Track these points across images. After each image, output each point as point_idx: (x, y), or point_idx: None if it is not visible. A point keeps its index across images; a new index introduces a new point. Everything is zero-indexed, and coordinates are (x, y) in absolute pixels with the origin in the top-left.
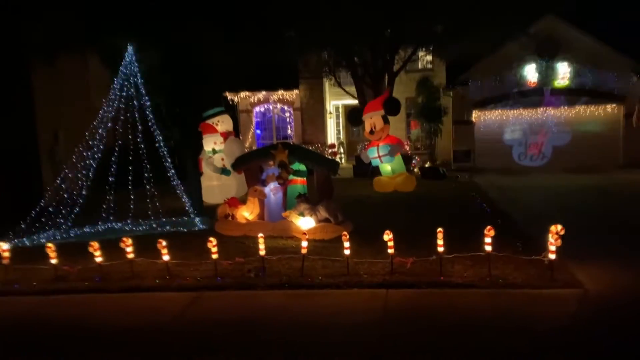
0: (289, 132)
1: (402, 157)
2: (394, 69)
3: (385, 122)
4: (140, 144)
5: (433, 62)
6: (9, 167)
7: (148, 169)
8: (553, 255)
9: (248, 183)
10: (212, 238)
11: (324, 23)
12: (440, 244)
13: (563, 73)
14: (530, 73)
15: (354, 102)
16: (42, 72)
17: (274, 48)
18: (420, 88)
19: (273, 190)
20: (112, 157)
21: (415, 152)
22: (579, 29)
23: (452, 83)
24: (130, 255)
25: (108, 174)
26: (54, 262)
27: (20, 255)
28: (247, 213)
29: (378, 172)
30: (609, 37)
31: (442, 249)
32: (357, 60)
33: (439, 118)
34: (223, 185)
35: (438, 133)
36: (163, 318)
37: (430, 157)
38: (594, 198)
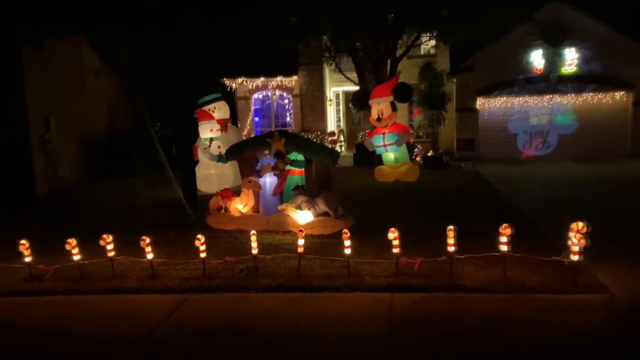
0: (288, 119)
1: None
2: (397, 54)
3: (394, 109)
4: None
5: (437, 47)
6: None
7: (143, 158)
8: (577, 257)
9: (242, 174)
10: (200, 235)
11: (326, 6)
12: (451, 243)
13: (570, 59)
14: (537, 59)
15: (355, 88)
16: (33, 57)
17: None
18: (424, 74)
19: (273, 189)
20: (106, 145)
21: (417, 140)
22: (587, 14)
23: (456, 69)
24: (111, 254)
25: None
26: (28, 260)
27: None
28: (240, 206)
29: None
30: (618, 22)
31: (453, 249)
32: (358, 45)
33: (443, 105)
34: (219, 174)
35: (441, 121)
36: (146, 324)
37: (433, 145)
38: (605, 189)
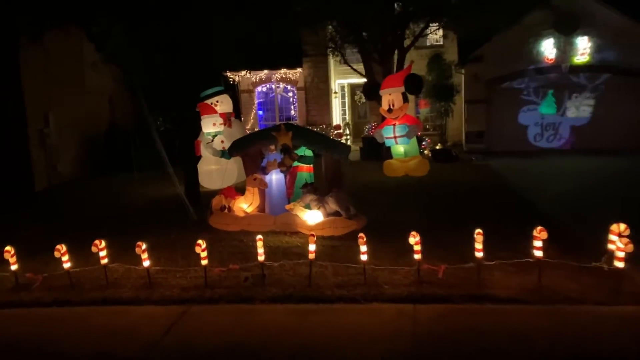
0: (293, 112)
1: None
2: (405, 45)
3: (405, 100)
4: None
5: (445, 37)
6: None
7: (144, 153)
8: (621, 263)
9: (247, 171)
10: (200, 240)
11: None
12: (479, 248)
13: (583, 48)
14: (548, 49)
15: (361, 80)
16: (31, 51)
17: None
18: (432, 65)
19: (283, 187)
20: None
21: (425, 133)
22: (601, 1)
23: (464, 60)
24: (104, 261)
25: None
26: (14, 268)
27: None
28: (245, 205)
29: (391, 154)
30: (633, 9)
31: (481, 255)
32: (365, 36)
33: (451, 97)
34: (222, 170)
35: (449, 113)
36: (141, 341)
37: (441, 138)
38: (628, 185)
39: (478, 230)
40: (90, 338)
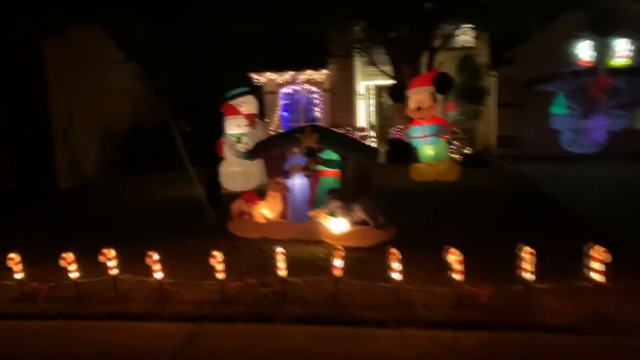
0: (317, 114)
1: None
2: (435, 45)
3: (434, 100)
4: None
5: (476, 38)
6: (20, 149)
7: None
8: None
9: (268, 174)
10: (216, 252)
11: None
12: (530, 270)
13: (622, 50)
14: (585, 51)
15: (386, 82)
16: (55, 49)
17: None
18: (462, 67)
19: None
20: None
21: (453, 136)
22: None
23: (496, 62)
24: (114, 271)
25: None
26: (19, 276)
27: None
28: (266, 211)
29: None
30: None
31: (531, 277)
32: (394, 36)
33: (481, 100)
34: (246, 172)
35: (479, 116)
36: None
37: (470, 142)
38: None
39: (529, 249)
40: (94, 357)
